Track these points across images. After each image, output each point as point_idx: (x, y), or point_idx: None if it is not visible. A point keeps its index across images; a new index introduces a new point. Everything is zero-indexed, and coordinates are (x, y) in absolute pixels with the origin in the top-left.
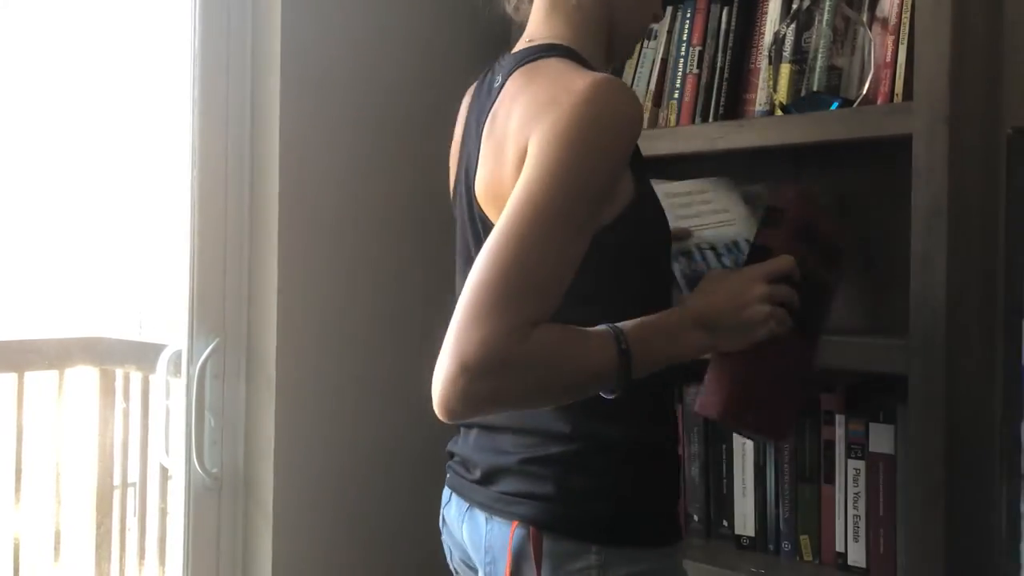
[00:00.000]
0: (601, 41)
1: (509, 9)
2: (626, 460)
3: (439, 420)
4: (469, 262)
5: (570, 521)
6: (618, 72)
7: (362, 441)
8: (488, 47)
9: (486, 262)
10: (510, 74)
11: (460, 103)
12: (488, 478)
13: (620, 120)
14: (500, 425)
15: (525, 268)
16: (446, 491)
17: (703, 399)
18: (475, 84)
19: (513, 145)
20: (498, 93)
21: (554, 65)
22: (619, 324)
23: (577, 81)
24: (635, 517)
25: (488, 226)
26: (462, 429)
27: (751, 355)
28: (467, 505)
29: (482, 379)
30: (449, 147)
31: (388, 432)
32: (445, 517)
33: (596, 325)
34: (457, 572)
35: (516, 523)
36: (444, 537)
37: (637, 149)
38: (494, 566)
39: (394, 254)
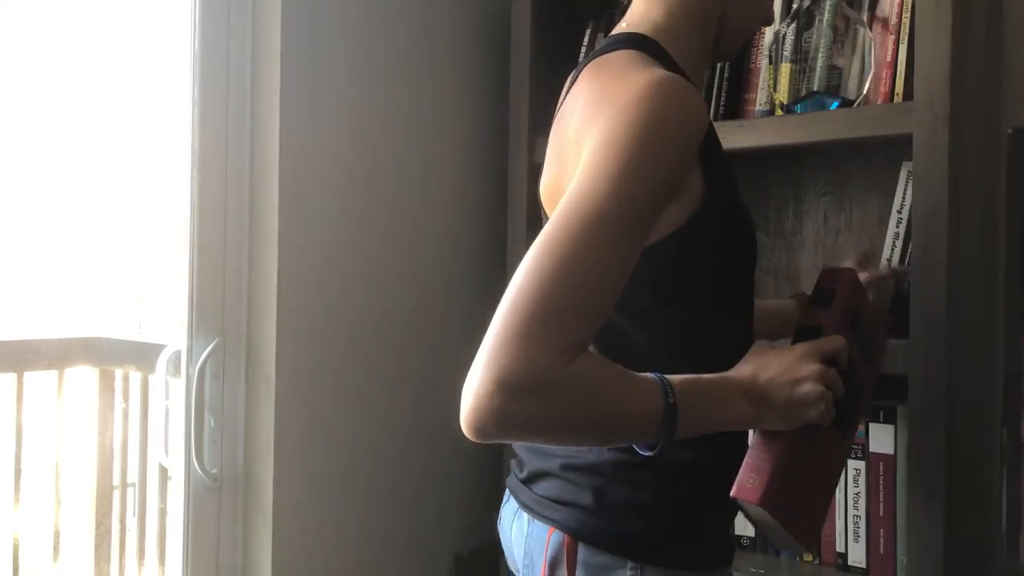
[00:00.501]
0: (704, 36)
1: None
2: (671, 477)
3: (439, 420)
4: None
5: (606, 534)
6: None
7: (362, 441)
8: (491, 45)
9: (529, 274)
10: (583, 67)
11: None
12: (532, 479)
13: (675, 121)
14: None
15: (570, 283)
16: (506, 490)
17: (741, 482)
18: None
19: (574, 147)
20: (570, 87)
21: (621, 59)
22: (666, 376)
23: (634, 79)
24: (675, 536)
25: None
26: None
27: (797, 439)
28: (516, 505)
29: (521, 400)
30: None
31: (388, 432)
32: (501, 515)
33: (649, 350)
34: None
35: (553, 529)
36: (501, 534)
37: (715, 152)
38: (531, 568)
39: (394, 254)
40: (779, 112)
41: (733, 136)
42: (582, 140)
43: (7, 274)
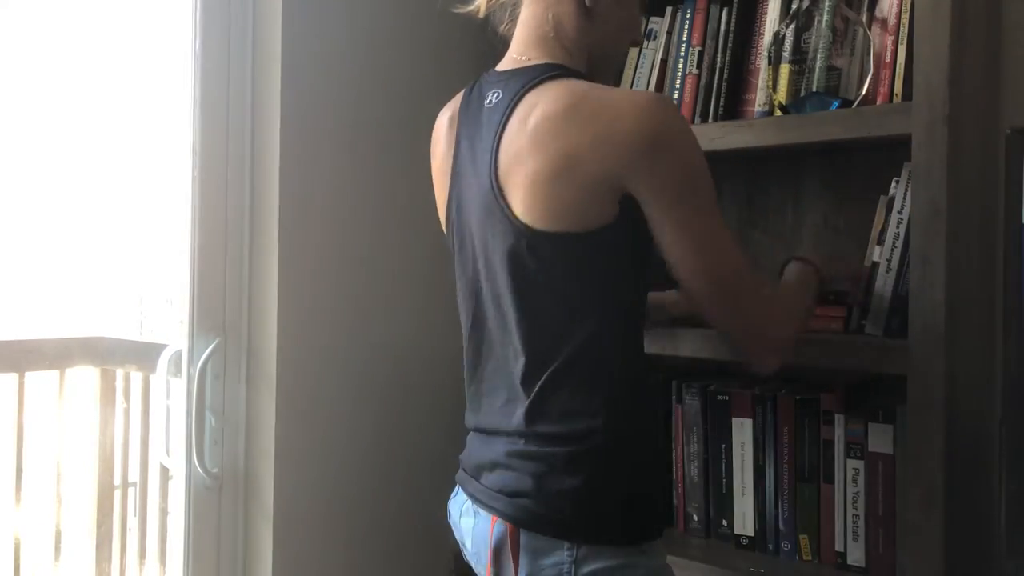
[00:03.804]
0: (584, 63)
1: (501, 28)
2: (603, 462)
3: (439, 420)
4: (474, 266)
5: (545, 519)
6: (619, 73)
7: (362, 441)
8: (487, 49)
9: (718, 264)
10: (527, 90)
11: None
12: (480, 470)
13: (682, 121)
14: (491, 428)
15: (738, 254)
16: (457, 485)
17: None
18: (455, 105)
19: (590, 170)
20: (510, 110)
21: (583, 85)
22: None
23: (634, 105)
24: (607, 515)
25: (520, 229)
26: (467, 437)
27: None
28: (464, 498)
29: (786, 329)
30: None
31: (388, 432)
32: (450, 509)
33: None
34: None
35: (495, 518)
36: (453, 528)
37: None
38: (478, 557)
39: (395, 254)
40: (779, 112)
41: (733, 136)
42: (607, 169)
43: (8, 274)
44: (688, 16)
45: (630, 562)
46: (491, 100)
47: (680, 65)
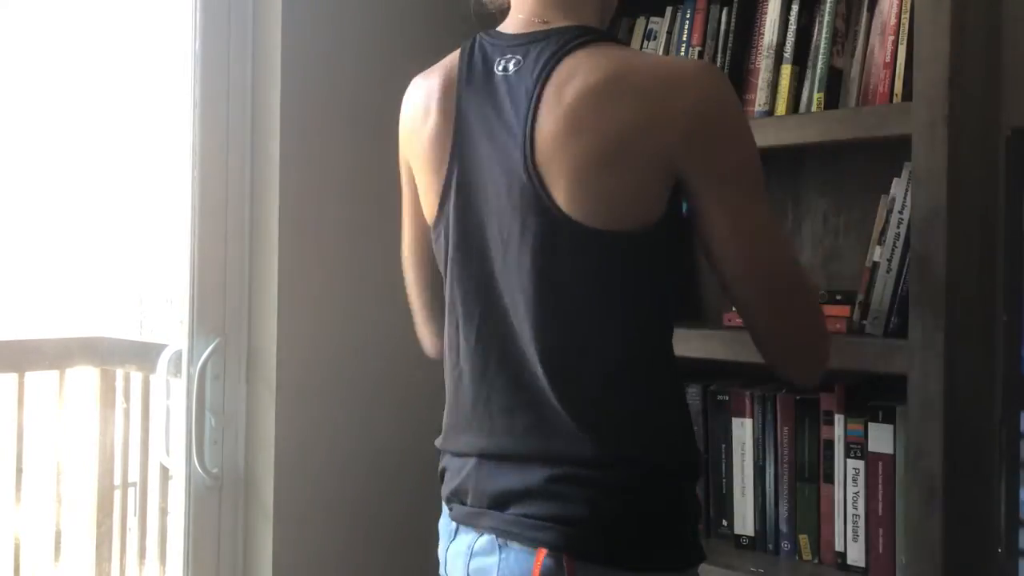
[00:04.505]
0: (599, 22)
1: None
2: (654, 483)
3: (438, 421)
4: (489, 265)
5: (603, 547)
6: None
7: (362, 441)
8: None
9: (786, 296)
10: (555, 58)
11: None
12: (504, 501)
13: (736, 95)
14: (517, 453)
15: (801, 269)
16: (447, 527)
17: None
18: (447, 71)
19: (645, 151)
20: (542, 82)
21: (624, 54)
22: None
23: (690, 75)
24: (665, 541)
25: (559, 221)
26: (462, 463)
27: None
28: (476, 534)
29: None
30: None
31: (388, 432)
32: (448, 555)
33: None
34: None
35: (543, 551)
36: (451, 573)
37: None
38: None
39: (395, 254)
40: (779, 112)
41: None
42: (661, 147)
43: (8, 274)
44: (688, 16)
45: None
46: (506, 68)
47: None
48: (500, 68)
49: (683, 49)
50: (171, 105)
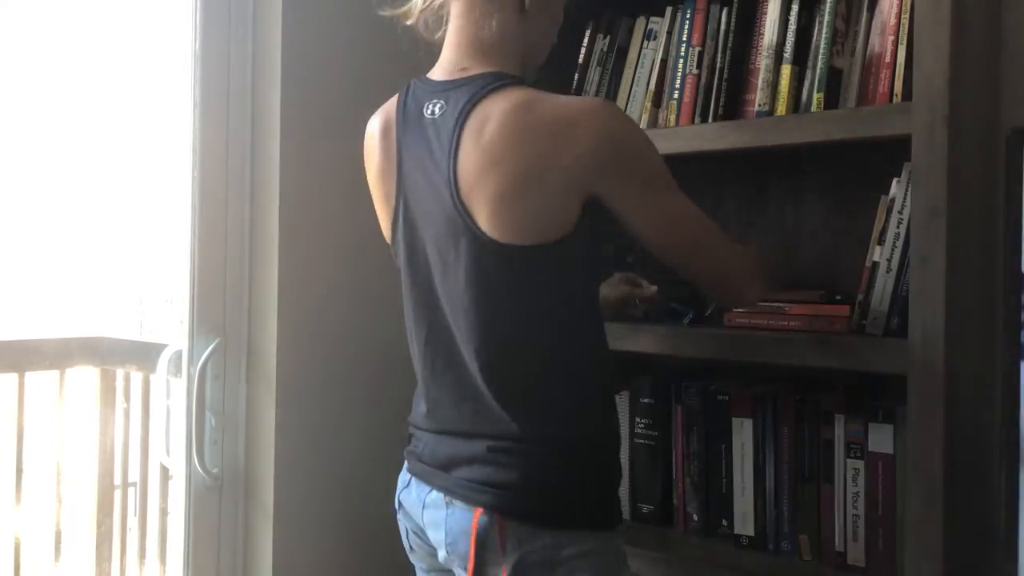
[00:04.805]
0: (519, 67)
1: (436, 35)
2: (577, 456)
3: None
4: (429, 278)
5: (530, 509)
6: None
7: (362, 441)
8: None
9: (710, 259)
10: (471, 104)
11: None
12: (451, 464)
13: (630, 119)
14: (462, 431)
15: (723, 241)
16: (403, 478)
17: None
18: (387, 113)
19: (557, 179)
20: (461, 125)
21: (531, 92)
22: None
23: (589, 110)
24: (582, 505)
25: (484, 242)
26: (421, 434)
27: None
28: (428, 489)
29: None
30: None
31: (388, 432)
32: (401, 500)
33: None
34: (412, 548)
35: (480, 509)
36: (400, 518)
37: None
38: (455, 546)
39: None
40: (779, 112)
41: (732, 136)
42: (576, 176)
43: (7, 274)
44: (688, 16)
45: (605, 544)
46: (433, 111)
47: (680, 65)
48: (428, 112)
49: (683, 49)
50: (171, 105)
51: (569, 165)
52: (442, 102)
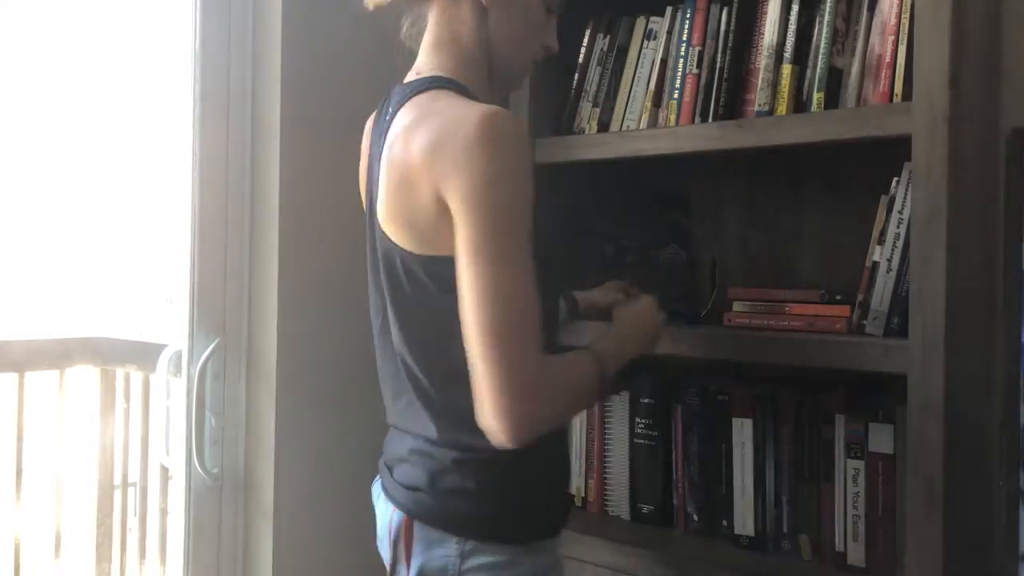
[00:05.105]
0: (483, 75)
1: (402, 35)
2: (492, 468)
3: None
4: (376, 276)
5: (436, 514)
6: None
7: (362, 441)
8: None
9: (484, 319)
10: (400, 105)
11: None
12: (391, 464)
13: (517, 145)
14: (401, 426)
15: (516, 309)
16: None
17: None
18: (375, 113)
19: (427, 181)
20: (390, 124)
21: (441, 99)
22: (591, 343)
23: (467, 120)
24: (494, 516)
25: (391, 248)
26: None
27: None
28: (380, 485)
29: (530, 405)
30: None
31: (388, 432)
32: (373, 491)
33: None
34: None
35: (394, 508)
36: (375, 507)
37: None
38: (383, 543)
39: None
40: (779, 112)
41: (733, 136)
42: (435, 181)
43: (7, 274)
44: (688, 16)
45: (515, 559)
46: (388, 114)
47: (680, 65)
48: (387, 115)
49: (683, 49)
50: (171, 105)
51: (429, 168)
52: (391, 106)
